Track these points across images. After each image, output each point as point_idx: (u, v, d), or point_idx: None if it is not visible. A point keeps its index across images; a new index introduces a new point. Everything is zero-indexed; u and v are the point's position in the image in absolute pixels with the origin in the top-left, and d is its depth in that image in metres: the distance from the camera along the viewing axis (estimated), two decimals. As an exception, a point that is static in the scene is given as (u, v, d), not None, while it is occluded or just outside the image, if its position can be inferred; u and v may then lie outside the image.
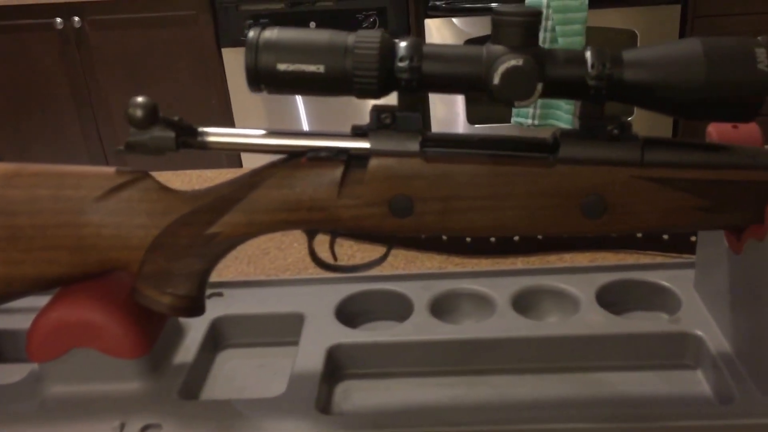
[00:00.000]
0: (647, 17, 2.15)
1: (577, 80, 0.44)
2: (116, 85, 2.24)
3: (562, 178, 0.46)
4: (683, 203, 0.46)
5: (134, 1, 2.14)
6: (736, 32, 2.18)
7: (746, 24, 2.18)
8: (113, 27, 2.19)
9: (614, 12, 2.15)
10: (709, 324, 0.54)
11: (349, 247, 0.77)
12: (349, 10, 2.21)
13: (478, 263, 0.73)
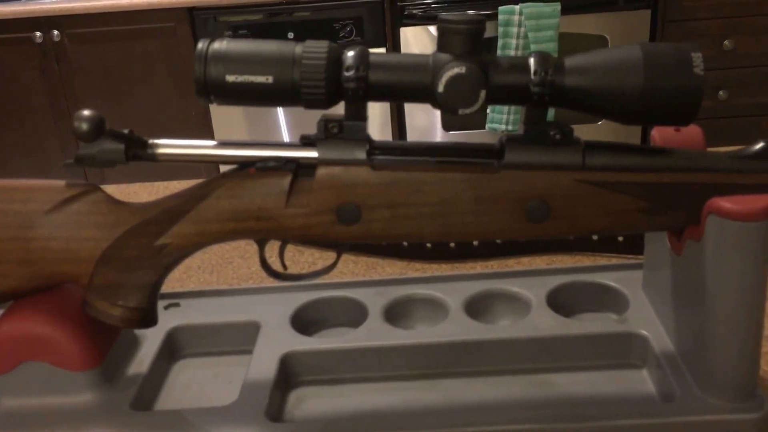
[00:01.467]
0: (618, 23, 2.18)
1: (520, 87, 0.45)
2: (95, 97, 2.24)
3: (506, 183, 0.47)
4: (624, 206, 0.47)
5: (113, 14, 2.14)
6: (705, 35, 2.22)
7: (715, 27, 2.21)
8: (92, 40, 2.19)
9: (586, 18, 2.18)
10: (654, 324, 0.55)
11: (311, 255, 0.78)
12: (326, 20, 2.23)
13: (438, 268, 0.74)
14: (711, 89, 2.29)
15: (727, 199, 0.44)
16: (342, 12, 2.23)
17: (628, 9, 2.17)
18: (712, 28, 2.22)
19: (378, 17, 2.23)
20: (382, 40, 2.26)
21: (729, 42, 2.23)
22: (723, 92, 2.30)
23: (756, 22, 2.20)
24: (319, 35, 2.27)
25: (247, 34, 2.16)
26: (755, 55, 2.25)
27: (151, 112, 2.21)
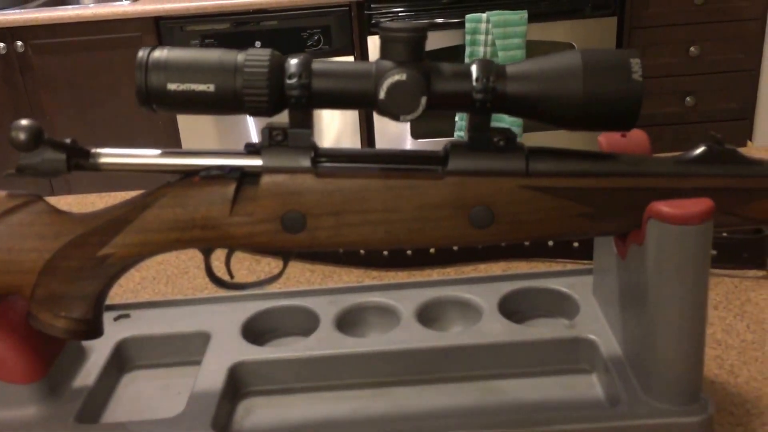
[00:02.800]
0: (585, 30, 2.20)
1: (462, 94, 0.45)
2: (61, 108, 2.21)
3: (450, 189, 0.47)
4: (568, 211, 0.47)
5: (78, 24, 2.11)
6: (671, 42, 2.25)
7: (681, 34, 2.25)
8: (57, 51, 2.16)
9: (553, 25, 2.20)
10: (603, 329, 0.55)
11: (267, 264, 0.78)
12: (293, 28, 2.22)
13: (395, 276, 0.74)
14: (679, 95, 2.33)
15: (666, 203, 0.44)
16: (310, 21, 2.23)
17: (595, 16, 2.20)
18: (678, 35, 2.26)
19: (346, 26, 2.24)
20: (350, 49, 2.26)
21: (695, 48, 2.27)
22: (690, 98, 2.33)
23: (721, 28, 2.24)
24: (287, 44, 2.27)
25: (214, 43, 2.15)
26: (720, 61, 2.29)
27: (118, 123, 2.18)
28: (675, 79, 2.32)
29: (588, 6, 2.19)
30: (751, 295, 0.66)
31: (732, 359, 0.58)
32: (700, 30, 2.25)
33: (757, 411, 0.53)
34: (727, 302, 0.65)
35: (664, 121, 2.36)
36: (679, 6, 2.22)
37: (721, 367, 0.58)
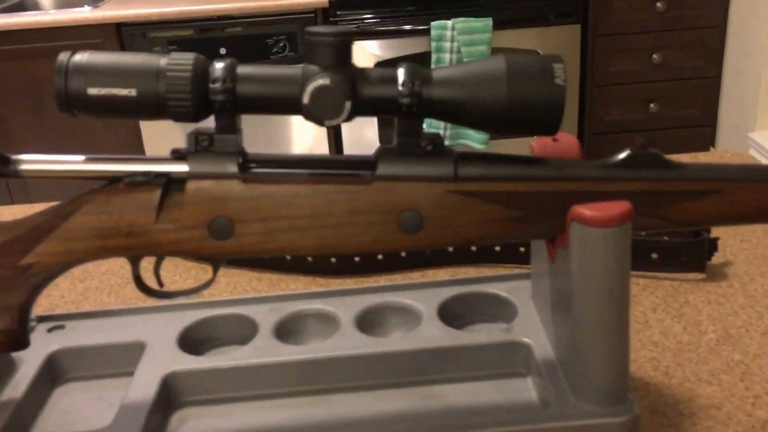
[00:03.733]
0: (549, 37, 2.22)
1: (389, 98, 0.45)
2: (21, 116, 2.18)
3: (379, 194, 0.47)
4: (496, 215, 0.47)
5: (38, 30, 2.09)
6: (634, 49, 2.28)
7: (644, 41, 2.28)
8: (17, 57, 2.13)
9: (518, 33, 2.22)
10: (539, 332, 0.55)
11: (214, 273, 0.77)
12: (258, 35, 2.22)
13: (342, 282, 0.74)
14: (642, 102, 2.36)
15: (587, 206, 0.44)
16: (275, 27, 2.22)
17: (559, 24, 2.22)
18: (641, 42, 2.29)
19: (312, 33, 2.23)
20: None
21: (657, 56, 2.30)
22: (654, 105, 2.36)
23: (682, 36, 2.28)
24: (252, 51, 2.26)
25: (177, 49, 2.13)
26: (683, 69, 2.32)
27: (80, 130, 2.15)
28: (639, 86, 2.35)
29: (552, 14, 2.21)
30: (689, 297, 0.67)
31: (667, 361, 0.59)
32: (663, 37, 2.28)
33: (689, 412, 0.53)
34: (666, 305, 0.66)
35: (629, 127, 2.39)
36: (642, 14, 2.25)
37: (657, 368, 0.58)
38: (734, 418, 0.53)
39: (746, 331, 0.62)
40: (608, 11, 2.24)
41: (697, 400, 0.55)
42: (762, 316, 0.63)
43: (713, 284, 0.68)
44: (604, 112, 2.37)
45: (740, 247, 0.74)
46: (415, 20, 2.21)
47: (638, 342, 0.61)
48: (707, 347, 0.60)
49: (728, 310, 0.65)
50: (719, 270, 0.70)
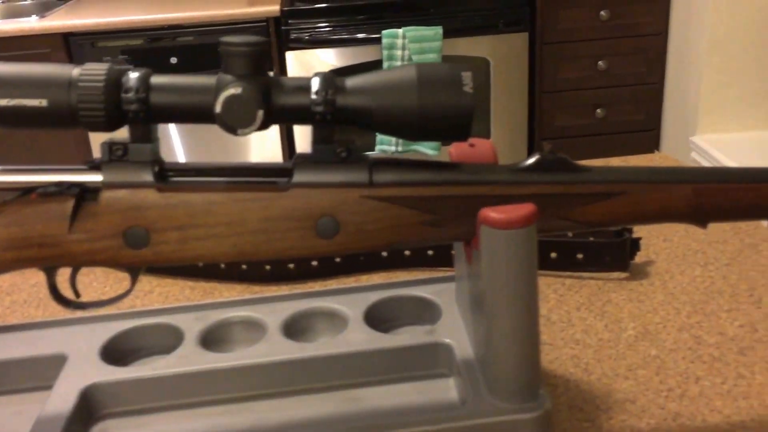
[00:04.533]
0: (499, 45, 2.26)
1: (302, 107, 0.46)
2: (-34, 128, 2.13)
3: (295, 201, 0.47)
4: (410, 219, 0.48)
5: (-17, 40, 2.05)
6: (581, 57, 2.33)
7: (590, 49, 2.33)
8: (-39, 68, 2.09)
9: (468, 41, 2.25)
10: (461, 333, 0.56)
11: (148, 282, 0.76)
12: (210, 44, 2.20)
13: (278, 289, 0.74)
14: (589, 108, 2.41)
15: (494, 209, 0.46)
16: (226, 37, 2.21)
17: (508, 32, 2.26)
18: (588, 50, 2.34)
19: (263, 42, 2.23)
20: (269, 65, 2.26)
21: (603, 62, 2.35)
22: (600, 110, 2.41)
23: (626, 43, 2.34)
24: (204, 60, 2.25)
25: (127, 59, 2.11)
26: (627, 75, 2.38)
27: (28, 141, 2.12)
28: (585, 92, 2.40)
29: (501, 22, 2.25)
30: (612, 296, 0.69)
31: (588, 358, 0.61)
32: (607, 45, 2.34)
33: (606, 406, 0.55)
34: (590, 304, 0.68)
35: (577, 132, 2.44)
36: (587, 23, 2.30)
37: (577, 365, 0.60)
38: (647, 411, 0.54)
39: (663, 327, 0.64)
40: (555, 19, 2.29)
41: (613, 395, 0.56)
42: (679, 312, 0.66)
43: (635, 283, 0.71)
44: (553, 117, 2.42)
45: (662, 246, 0.76)
46: (367, 29, 2.22)
47: (561, 340, 0.63)
48: (626, 343, 0.62)
49: (648, 307, 0.67)
50: (642, 269, 0.72)
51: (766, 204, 0.48)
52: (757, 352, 0.60)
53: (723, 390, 0.56)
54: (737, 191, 0.48)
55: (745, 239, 0.76)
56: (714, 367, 0.58)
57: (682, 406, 0.54)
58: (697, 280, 0.70)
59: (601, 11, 2.28)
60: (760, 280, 0.69)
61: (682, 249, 0.76)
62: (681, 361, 0.59)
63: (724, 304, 0.66)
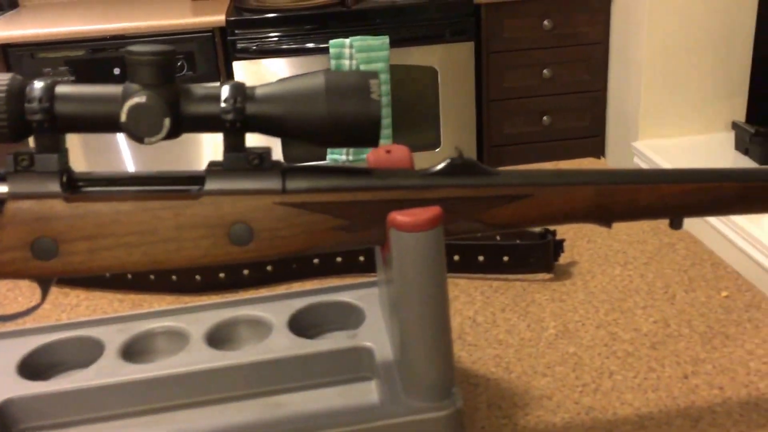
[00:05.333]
0: (445, 54, 2.30)
1: (212, 115, 0.46)
2: None
3: (207, 209, 0.48)
4: (324, 224, 0.49)
5: None
6: (526, 65, 2.38)
7: (535, 57, 2.38)
8: None
9: (415, 50, 2.28)
10: (383, 336, 0.57)
11: (76, 296, 0.76)
12: (155, 56, 2.18)
13: (208, 299, 0.74)
14: (536, 115, 2.46)
15: (401, 212, 0.47)
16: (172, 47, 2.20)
17: (454, 41, 2.29)
18: (532, 58, 2.39)
19: (210, 52, 2.23)
20: (216, 75, 2.25)
21: (547, 71, 2.41)
22: (547, 117, 2.47)
23: (569, 51, 2.39)
24: (149, 72, 2.23)
25: (68, 71, 2.08)
26: (571, 83, 2.44)
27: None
28: (532, 99, 2.45)
29: (447, 31, 2.28)
30: (536, 296, 0.71)
31: (509, 357, 0.62)
32: (551, 53, 2.39)
33: (523, 403, 0.57)
34: (514, 305, 0.70)
35: (525, 139, 2.48)
36: (530, 32, 2.35)
37: (499, 365, 0.61)
38: (562, 406, 0.56)
39: (582, 325, 0.66)
40: (500, 29, 2.33)
41: (531, 392, 0.58)
42: (598, 310, 0.68)
43: (558, 283, 0.73)
44: (501, 125, 2.46)
45: (586, 247, 0.79)
46: (314, 38, 2.23)
47: (485, 341, 0.65)
48: (546, 342, 0.64)
49: (569, 306, 0.69)
50: (565, 269, 0.75)
51: (661, 203, 0.50)
52: (668, 347, 0.62)
53: (634, 383, 0.58)
54: (636, 191, 0.50)
55: (663, 239, 0.79)
56: (627, 362, 0.60)
57: (595, 400, 0.56)
58: (616, 279, 0.73)
59: (545, 21, 2.33)
60: (674, 278, 0.72)
61: (604, 249, 0.78)
62: (597, 357, 0.61)
63: (640, 302, 0.69)
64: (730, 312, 0.67)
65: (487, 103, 2.42)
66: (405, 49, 2.26)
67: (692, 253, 0.77)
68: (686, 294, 0.70)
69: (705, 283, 0.71)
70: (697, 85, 2.23)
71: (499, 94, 2.42)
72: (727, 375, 0.59)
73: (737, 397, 0.56)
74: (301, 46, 2.24)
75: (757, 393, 0.56)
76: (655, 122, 2.27)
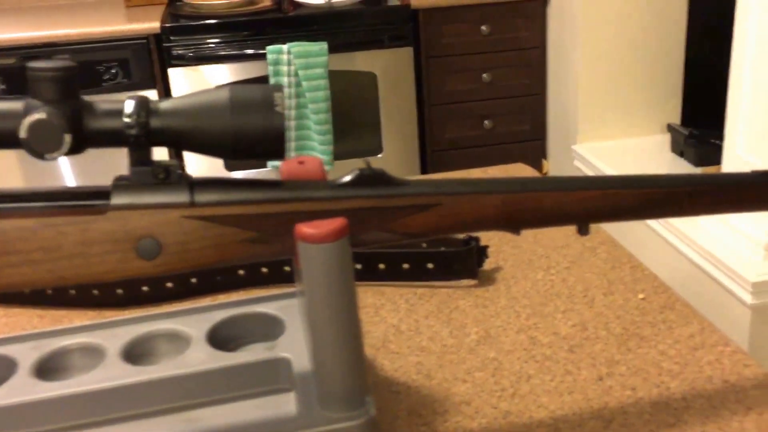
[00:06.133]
0: (385, 59, 2.31)
1: (115, 130, 0.45)
2: None
3: (113, 223, 0.47)
4: (233, 237, 0.49)
5: None
6: (466, 70, 2.41)
7: (474, 62, 2.41)
8: None
9: (354, 55, 2.28)
10: (302, 347, 0.57)
11: None
12: (88, 62, 2.14)
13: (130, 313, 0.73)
14: (477, 119, 2.49)
15: (307, 224, 0.47)
16: (105, 54, 2.16)
17: (393, 47, 2.31)
18: (472, 63, 2.42)
19: (145, 59, 2.19)
20: (151, 82, 2.22)
21: (487, 75, 2.44)
22: (488, 122, 2.50)
23: (507, 56, 2.43)
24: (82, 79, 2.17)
25: (-2, 79, 2.02)
26: (511, 87, 2.48)
27: None
28: (473, 104, 2.48)
29: (386, 37, 2.30)
30: (460, 303, 0.72)
31: (431, 364, 0.63)
32: (490, 58, 2.43)
33: (442, 410, 0.57)
34: (438, 312, 0.70)
35: (467, 144, 2.51)
36: (469, 37, 2.38)
37: (420, 372, 0.62)
38: (481, 412, 0.57)
39: (504, 330, 0.67)
40: (438, 34, 2.36)
41: (451, 398, 0.58)
42: (519, 315, 0.69)
43: (482, 289, 0.74)
44: (443, 129, 2.48)
45: (511, 253, 0.80)
46: (252, 45, 2.22)
47: (407, 348, 0.65)
48: (468, 348, 0.65)
49: (491, 311, 0.70)
50: (489, 275, 0.76)
51: (565, 210, 0.51)
52: (584, 349, 0.64)
53: (551, 387, 0.59)
54: (540, 199, 0.51)
55: (585, 243, 0.81)
56: (545, 366, 0.62)
57: (513, 405, 0.57)
58: (538, 284, 0.74)
59: (482, 26, 2.37)
60: (594, 281, 0.74)
61: (528, 254, 0.80)
62: (516, 362, 0.62)
63: (560, 305, 0.70)
64: (645, 314, 0.69)
65: (428, 107, 2.44)
66: (344, 55, 2.27)
67: (612, 256, 0.79)
68: (605, 297, 0.72)
69: (623, 285, 0.73)
70: (634, 88, 2.29)
71: (440, 99, 2.45)
72: (640, 376, 0.60)
73: (649, 398, 0.58)
74: (240, 52, 2.23)
75: (668, 393, 0.58)
76: (594, 125, 2.32)
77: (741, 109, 1.55)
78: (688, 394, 0.58)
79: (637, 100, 2.31)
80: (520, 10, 2.38)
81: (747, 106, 1.53)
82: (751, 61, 1.50)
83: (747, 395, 0.57)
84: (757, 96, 1.50)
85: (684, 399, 0.57)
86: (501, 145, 2.55)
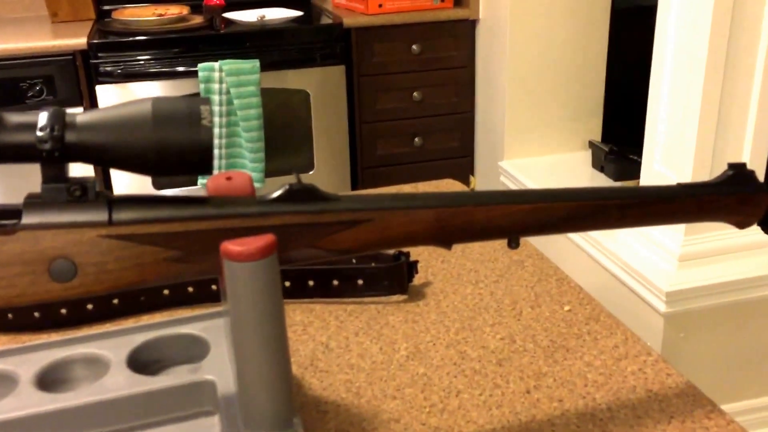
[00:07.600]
0: (317, 77, 2.30)
1: (26, 144, 0.43)
2: None
3: (23, 244, 0.45)
4: (155, 256, 0.47)
5: None
6: (397, 88, 2.43)
7: (405, 81, 2.44)
8: None
9: (287, 73, 2.27)
10: (226, 369, 0.55)
11: None
12: (11, 78, 2.06)
13: (48, 336, 0.69)
14: (408, 137, 2.51)
15: (233, 242, 0.46)
16: (28, 70, 2.08)
17: (325, 64, 2.31)
18: (402, 82, 2.45)
19: (71, 75, 2.12)
20: (78, 99, 2.15)
21: (417, 93, 2.47)
22: (418, 139, 2.53)
23: (437, 75, 2.47)
24: (5, 95, 2.09)
25: None
26: (440, 105, 2.51)
27: None
28: (403, 122, 2.50)
29: (318, 55, 2.30)
30: (390, 318, 0.71)
31: (360, 381, 0.62)
32: (420, 77, 2.46)
33: (371, 428, 0.57)
34: (368, 328, 0.70)
35: (397, 161, 2.53)
36: (400, 56, 2.41)
37: (349, 390, 0.61)
38: (410, 428, 0.56)
39: (433, 345, 0.67)
40: (370, 53, 2.37)
41: (380, 416, 0.58)
42: (449, 329, 0.69)
43: (412, 304, 0.74)
44: (374, 146, 2.49)
45: (440, 268, 0.80)
46: (183, 62, 2.18)
47: (336, 366, 0.64)
48: (398, 364, 0.64)
49: (421, 327, 0.70)
50: (419, 290, 0.76)
51: (495, 224, 0.52)
52: (513, 362, 0.64)
53: (480, 401, 0.59)
54: (471, 213, 0.51)
55: (513, 256, 0.83)
56: (474, 380, 0.62)
57: (442, 420, 0.57)
58: (468, 298, 0.75)
59: (413, 45, 2.40)
60: (522, 294, 0.75)
61: (457, 269, 0.80)
62: (446, 377, 0.62)
63: (489, 319, 0.71)
64: (571, 325, 0.70)
65: (359, 125, 2.45)
66: (277, 73, 2.26)
67: (539, 269, 0.80)
68: (532, 309, 0.73)
69: (550, 298, 0.75)
70: (557, 107, 2.36)
71: (372, 117, 2.46)
72: (567, 387, 0.61)
73: (575, 409, 0.59)
74: (171, 69, 2.18)
75: (594, 404, 0.59)
76: (519, 142, 2.38)
77: (658, 126, 1.62)
78: (613, 405, 0.59)
79: (560, 118, 2.38)
80: (450, 30, 2.43)
81: (664, 124, 1.60)
82: (669, 81, 1.57)
83: (670, 404, 0.59)
84: (673, 114, 1.57)
85: (609, 409, 0.58)
86: (431, 162, 2.58)
